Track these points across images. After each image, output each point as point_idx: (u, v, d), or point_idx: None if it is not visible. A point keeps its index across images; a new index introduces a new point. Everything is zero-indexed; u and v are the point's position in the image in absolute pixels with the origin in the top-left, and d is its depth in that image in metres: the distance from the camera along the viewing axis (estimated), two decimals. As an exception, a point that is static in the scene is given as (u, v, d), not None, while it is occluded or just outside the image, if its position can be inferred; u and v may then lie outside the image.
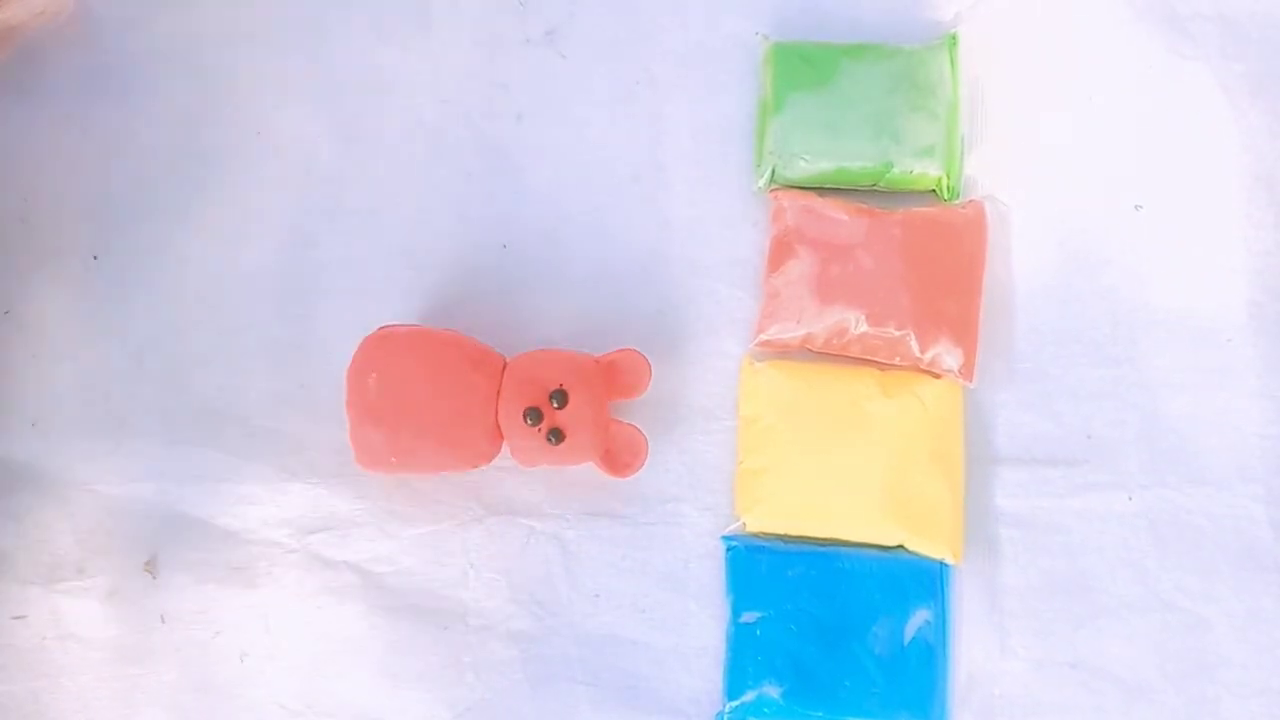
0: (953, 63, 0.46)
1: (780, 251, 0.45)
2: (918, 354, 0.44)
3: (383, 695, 0.43)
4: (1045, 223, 0.46)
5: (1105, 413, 0.45)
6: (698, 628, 0.44)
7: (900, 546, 0.43)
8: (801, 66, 0.45)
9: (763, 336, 0.45)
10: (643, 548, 0.44)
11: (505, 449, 0.42)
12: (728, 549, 0.44)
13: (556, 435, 0.41)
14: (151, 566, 0.44)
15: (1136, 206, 0.46)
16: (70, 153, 0.47)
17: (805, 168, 0.45)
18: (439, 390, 0.41)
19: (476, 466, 0.43)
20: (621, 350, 0.43)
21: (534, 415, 0.41)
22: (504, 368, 0.42)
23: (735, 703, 0.42)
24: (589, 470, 0.43)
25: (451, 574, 0.44)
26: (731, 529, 0.44)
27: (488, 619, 0.44)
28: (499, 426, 0.42)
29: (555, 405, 0.41)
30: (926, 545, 0.43)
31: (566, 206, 0.47)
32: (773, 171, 0.45)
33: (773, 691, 0.42)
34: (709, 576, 0.44)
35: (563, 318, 0.46)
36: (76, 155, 0.47)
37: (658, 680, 0.43)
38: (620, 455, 0.43)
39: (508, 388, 0.41)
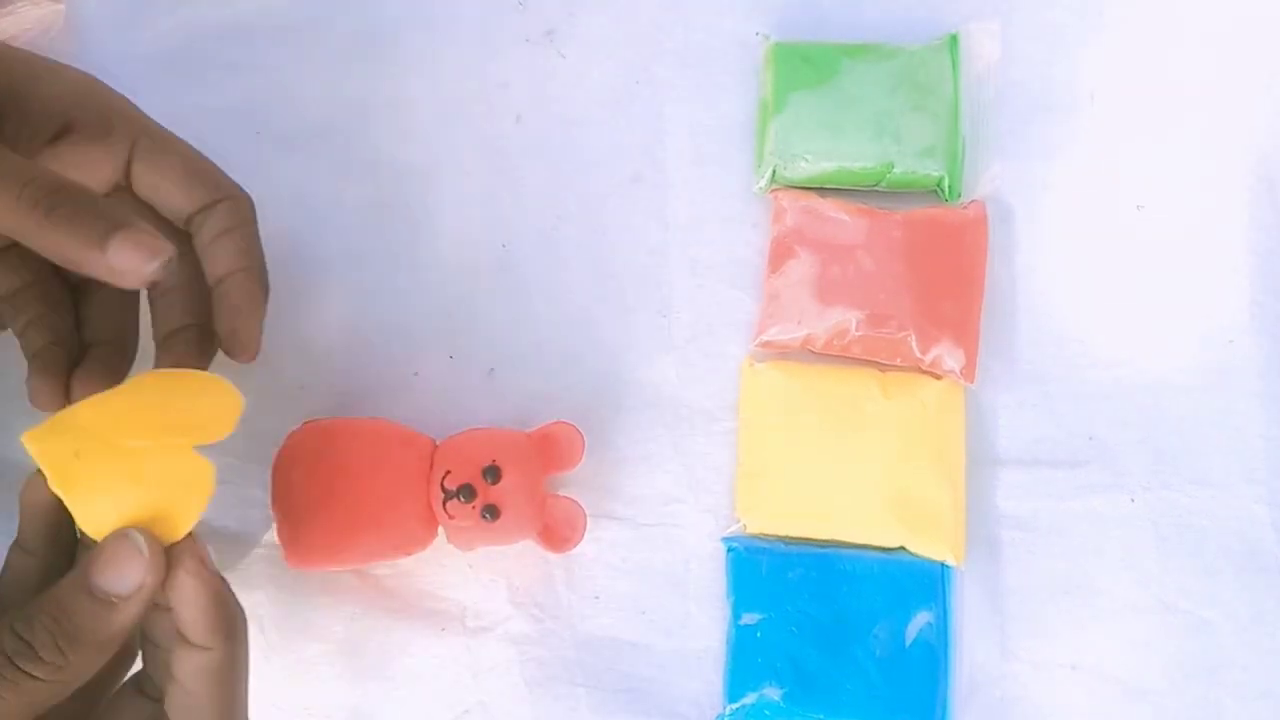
0: (954, 63, 0.46)
1: (781, 252, 0.45)
2: (918, 355, 0.43)
3: (380, 697, 0.43)
4: (1046, 223, 0.46)
5: (1107, 414, 0.45)
6: (698, 630, 0.44)
7: (901, 548, 0.43)
8: (802, 66, 0.45)
9: (763, 337, 0.45)
10: (643, 549, 0.44)
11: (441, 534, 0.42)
12: (728, 551, 0.43)
13: (491, 512, 0.40)
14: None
15: (1137, 206, 0.46)
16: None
17: (806, 168, 0.45)
18: (367, 476, 0.40)
19: (411, 553, 0.42)
20: (554, 423, 0.42)
21: (467, 492, 0.40)
22: (434, 449, 0.41)
23: (736, 705, 0.42)
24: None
25: (450, 576, 0.44)
26: (732, 530, 0.44)
27: (486, 621, 0.44)
28: (432, 509, 0.41)
29: (489, 481, 0.40)
30: (928, 547, 0.43)
31: (566, 206, 0.47)
32: (773, 172, 0.45)
33: (773, 694, 0.41)
34: (709, 578, 0.44)
35: (562, 318, 0.46)
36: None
37: (658, 682, 0.43)
38: (558, 529, 0.42)
39: (438, 468, 0.41)
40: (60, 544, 0.35)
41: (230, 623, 0.33)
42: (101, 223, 0.31)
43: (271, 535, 0.42)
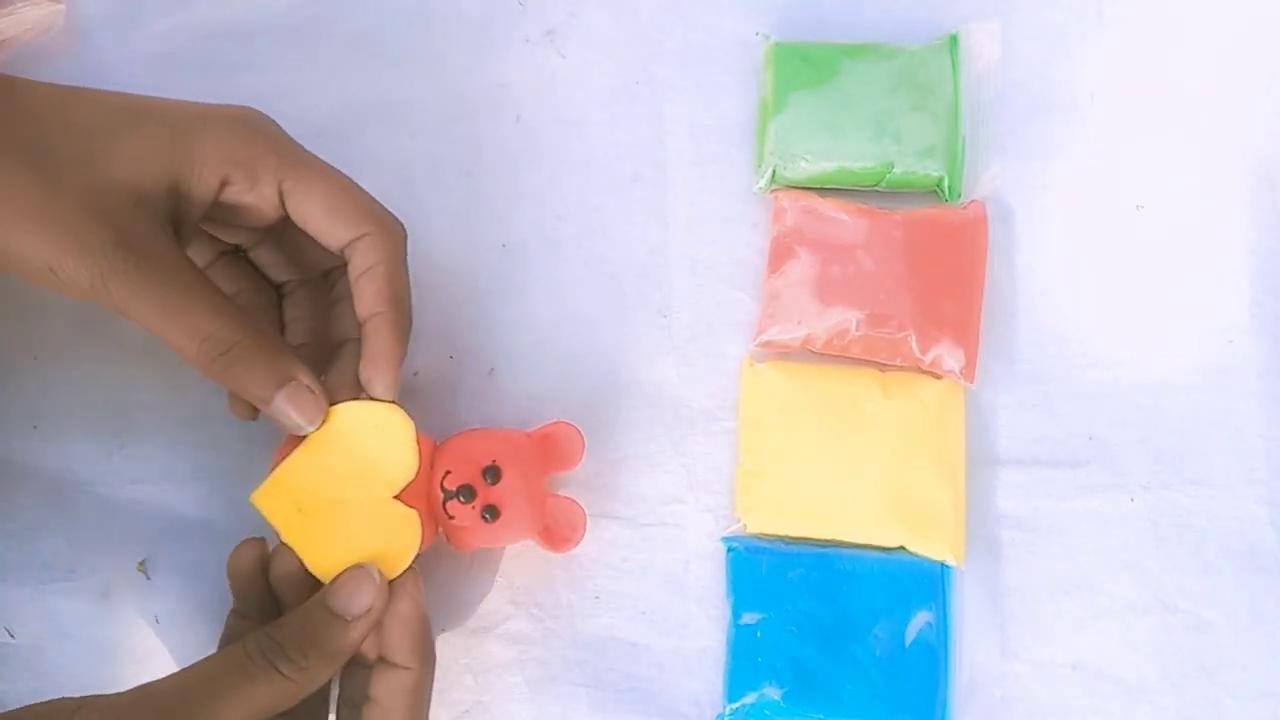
0: (953, 63, 0.46)
1: (781, 252, 0.45)
2: (918, 355, 0.43)
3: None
4: (1046, 223, 0.46)
5: (1107, 414, 0.45)
6: (698, 629, 0.44)
7: (901, 548, 0.43)
8: (802, 66, 0.45)
9: (763, 337, 0.45)
10: (643, 549, 0.44)
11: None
12: (728, 550, 0.43)
13: (491, 512, 0.40)
14: (144, 567, 0.44)
15: (1137, 206, 0.46)
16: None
17: (806, 168, 0.45)
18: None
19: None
20: (554, 423, 0.42)
21: (467, 492, 0.40)
22: (434, 449, 0.41)
23: (736, 704, 0.42)
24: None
25: (450, 576, 0.44)
26: (732, 530, 0.44)
27: (486, 621, 0.44)
28: (432, 510, 0.40)
29: (488, 481, 0.40)
30: (927, 547, 0.43)
31: (566, 206, 0.47)
32: (773, 172, 0.45)
33: (773, 693, 0.41)
34: (709, 578, 0.44)
35: (562, 318, 0.46)
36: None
37: (658, 682, 0.43)
38: (559, 530, 0.42)
39: (439, 468, 0.40)
40: (270, 605, 0.39)
41: (429, 648, 0.38)
42: (269, 380, 0.37)
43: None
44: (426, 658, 0.38)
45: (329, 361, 0.41)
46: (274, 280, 0.43)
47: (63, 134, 0.36)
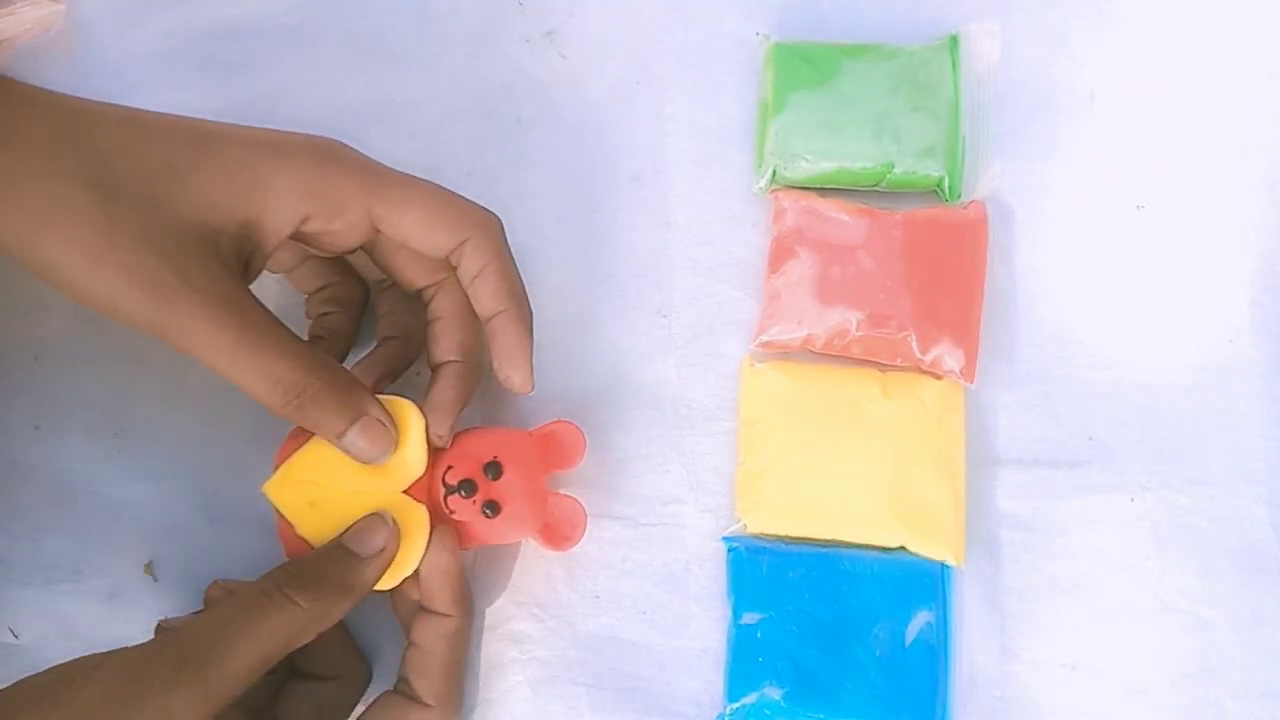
0: (954, 63, 0.46)
1: (781, 252, 0.45)
2: (919, 355, 0.44)
3: (382, 697, 0.43)
4: (1046, 223, 0.46)
5: (1106, 414, 0.45)
6: (698, 629, 0.44)
7: (901, 548, 0.43)
8: (802, 66, 0.45)
9: (763, 338, 0.45)
10: (643, 549, 0.44)
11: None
12: (729, 550, 0.44)
13: (492, 508, 0.40)
14: (152, 569, 0.44)
15: (1137, 206, 0.46)
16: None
17: (806, 168, 0.45)
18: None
19: None
20: (556, 422, 0.42)
21: (468, 487, 0.40)
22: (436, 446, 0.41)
23: (736, 704, 0.42)
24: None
25: (451, 575, 0.44)
26: (732, 530, 0.44)
27: (487, 620, 0.44)
28: (432, 506, 0.41)
29: (490, 477, 0.40)
30: (928, 547, 0.43)
31: (566, 207, 0.47)
32: (773, 172, 0.45)
33: (774, 693, 0.41)
34: (710, 578, 0.44)
35: (561, 318, 0.46)
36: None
37: (658, 682, 0.43)
38: (559, 528, 0.42)
39: (440, 465, 0.41)
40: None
41: (468, 597, 0.41)
42: (342, 418, 0.38)
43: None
44: (465, 606, 0.40)
45: (430, 382, 0.41)
46: (367, 279, 0.44)
47: (131, 169, 0.36)
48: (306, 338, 0.43)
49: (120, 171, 0.36)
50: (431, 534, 0.40)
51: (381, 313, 0.44)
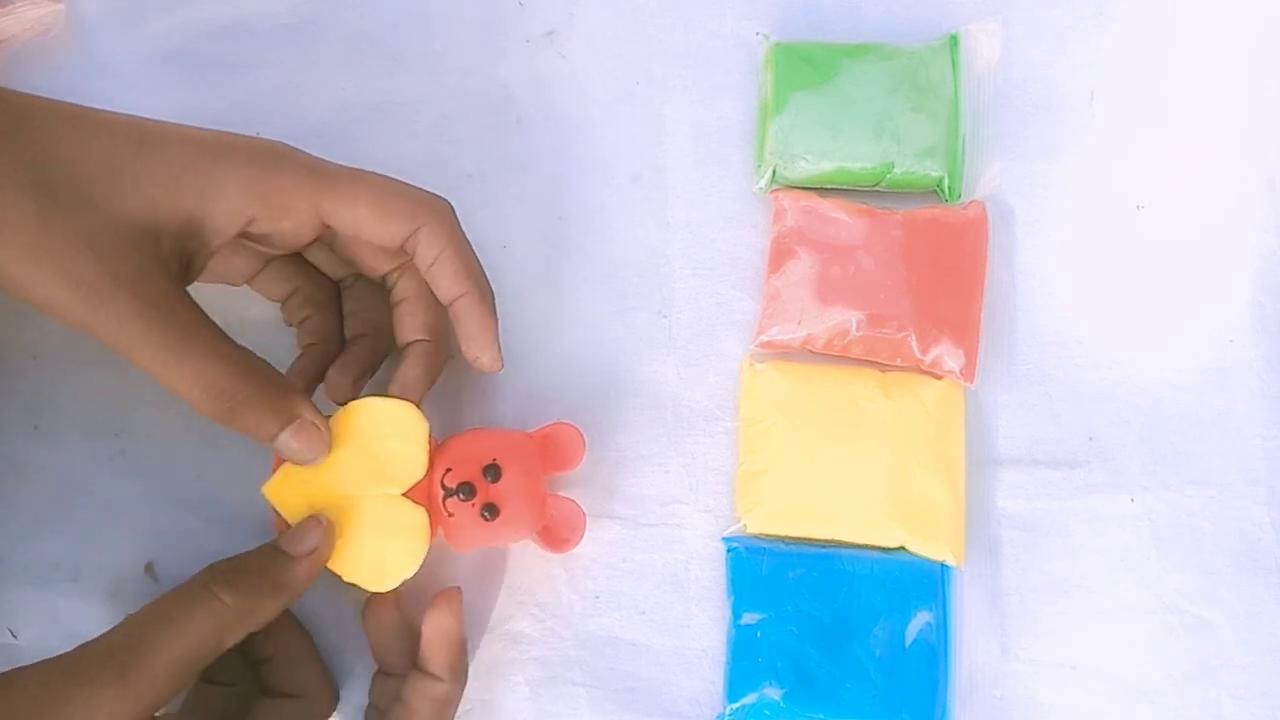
0: (954, 63, 0.46)
1: (781, 252, 0.45)
2: (919, 355, 0.44)
3: (382, 697, 0.43)
4: (1046, 223, 0.46)
5: (1106, 414, 0.45)
6: (698, 629, 0.44)
7: (901, 548, 0.43)
8: (802, 67, 0.45)
9: (763, 338, 0.45)
10: (643, 549, 0.44)
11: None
12: (728, 550, 0.44)
13: (491, 510, 0.40)
14: (152, 569, 0.44)
15: (1137, 206, 0.46)
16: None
17: (806, 168, 0.45)
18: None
19: None
20: (555, 423, 0.42)
21: (467, 490, 0.40)
22: (434, 448, 0.41)
23: (736, 704, 0.42)
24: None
25: (450, 576, 0.44)
26: (732, 530, 0.44)
27: (487, 620, 0.44)
28: (431, 508, 0.40)
29: (488, 480, 0.40)
30: (927, 547, 0.43)
31: (566, 207, 0.47)
32: (773, 172, 0.45)
33: (773, 693, 0.41)
34: (709, 578, 0.44)
35: (561, 318, 0.46)
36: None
37: (658, 682, 0.43)
38: (558, 530, 0.42)
39: (438, 467, 0.40)
40: (408, 658, 0.41)
41: (463, 666, 0.40)
42: (273, 423, 0.38)
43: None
44: (459, 674, 0.40)
45: (396, 362, 0.41)
46: (332, 276, 0.44)
47: (69, 168, 0.35)
48: (299, 350, 0.43)
49: (58, 171, 0.35)
50: (439, 596, 0.40)
51: (349, 310, 0.44)
